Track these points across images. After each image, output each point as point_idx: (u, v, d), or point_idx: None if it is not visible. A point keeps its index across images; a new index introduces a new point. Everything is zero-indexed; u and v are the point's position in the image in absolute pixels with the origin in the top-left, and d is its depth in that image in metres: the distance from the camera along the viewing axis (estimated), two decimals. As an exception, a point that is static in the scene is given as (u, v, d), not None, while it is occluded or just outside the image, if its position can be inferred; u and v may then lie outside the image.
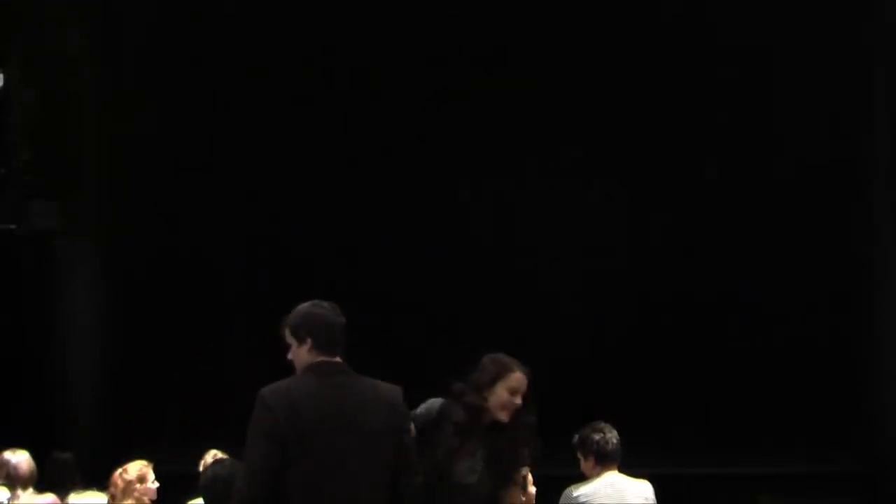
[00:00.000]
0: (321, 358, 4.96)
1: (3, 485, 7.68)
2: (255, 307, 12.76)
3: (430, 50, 12.73)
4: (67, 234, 12.26)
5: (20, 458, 7.81)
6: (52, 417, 11.69)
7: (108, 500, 7.47)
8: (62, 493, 7.59)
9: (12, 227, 11.99)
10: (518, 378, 5.88)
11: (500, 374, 5.88)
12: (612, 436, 6.94)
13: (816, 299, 12.50)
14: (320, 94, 12.81)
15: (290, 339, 5.12)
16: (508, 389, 5.84)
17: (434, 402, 5.81)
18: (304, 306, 5.19)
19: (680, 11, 12.60)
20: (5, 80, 12.00)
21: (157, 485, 7.74)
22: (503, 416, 5.82)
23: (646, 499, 6.91)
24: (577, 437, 7.05)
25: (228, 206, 12.90)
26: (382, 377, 5.21)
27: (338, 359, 5.02)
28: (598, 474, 6.89)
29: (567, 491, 6.94)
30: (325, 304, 5.22)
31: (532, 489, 5.90)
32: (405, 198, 12.82)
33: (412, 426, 5.27)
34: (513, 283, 12.80)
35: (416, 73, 12.78)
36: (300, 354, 5.05)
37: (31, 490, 7.67)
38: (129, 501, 7.52)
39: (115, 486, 7.59)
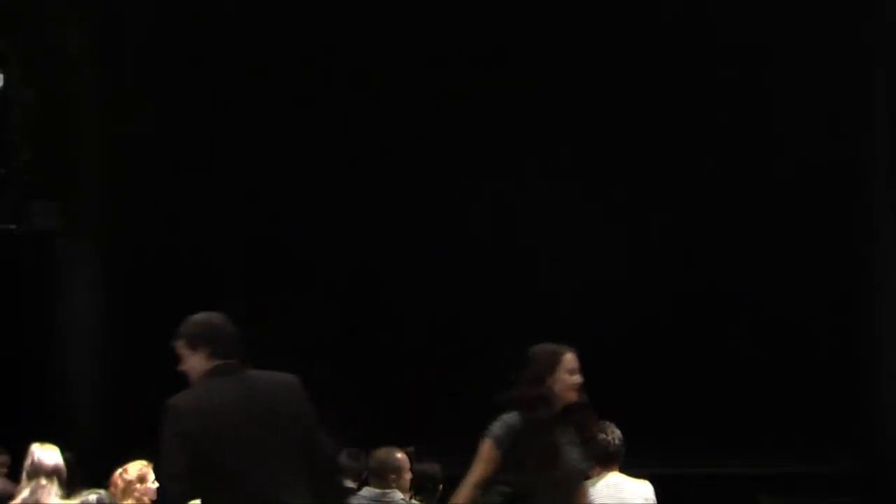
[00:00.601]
0: (216, 362, 5.11)
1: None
2: (255, 307, 12.77)
3: (430, 50, 12.74)
4: (67, 234, 12.26)
5: (45, 453, 7.75)
6: (52, 417, 11.68)
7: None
8: (64, 493, 7.57)
9: (12, 227, 11.98)
10: (571, 358, 6.03)
11: (555, 360, 6.01)
12: (616, 436, 6.92)
13: (817, 300, 12.50)
14: (320, 94, 12.81)
15: (184, 349, 5.19)
16: (568, 371, 5.91)
17: (508, 418, 5.82)
18: (197, 317, 5.24)
19: (680, 12, 12.61)
20: (5, 80, 12.00)
21: (157, 485, 7.72)
22: (573, 397, 5.93)
23: (646, 499, 6.89)
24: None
25: (228, 206, 12.90)
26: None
27: (233, 360, 5.18)
28: (598, 474, 6.87)
29: None
30: (216, 313, 5.29)
31: None
32: (405, 198, 12.82)
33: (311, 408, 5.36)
34: (513, 282, 12.80)
35: (417, 73, 12.79)
36: (196, 363, 5.15)
37: (56, 486, 7.61)
38: (130, 501, 7.51)
39: (115, 486, 7.58)
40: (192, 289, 12.62)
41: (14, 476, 8.27)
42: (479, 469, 5.65)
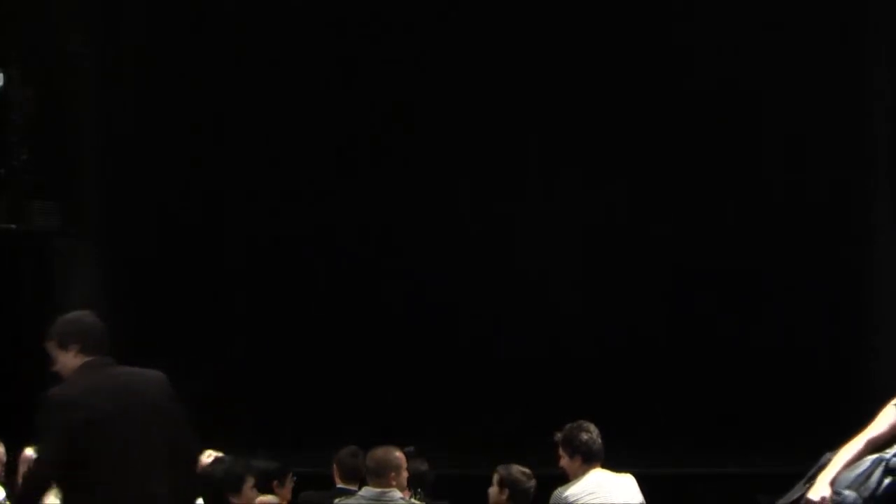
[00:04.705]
0: (87, 358, 5.27)
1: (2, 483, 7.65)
2: (255, 307, 12.78)
3: (428, 49, 12.75)
4: (67, 234, 12.25)
5: None
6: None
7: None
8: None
9: (12, 227, 11.98)
10: None
11: None
12: (597, 435, 7.01)
13: (816, 300, 12.50)
14: (321, 96, 12.82)
15: (55, 349, 5.35)
16: None
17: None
18: (67, 317, 5.44)
19: (680, 27, 12.64)
20: (5, 80, 11.99)
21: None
22: None
23: (632, 493, 6.97)
24: (559, 435, 7.08)
25: (229, 206, 12.91)
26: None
27: (103, 356, 5.36)
28: (584, 473, 6.94)
29: (556, 492, 6.98)
30: (85, 312, 5.52)
31: None
32: (405, 203, 12.82)
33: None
34: (514, 286, 12.80)
35: (416, 72, 12.79)
36: (67, 361, 5.31)
37: None
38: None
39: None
40: (192, 289, 12.64)
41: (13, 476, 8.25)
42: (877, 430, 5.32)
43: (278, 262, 12.83)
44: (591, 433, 6.99)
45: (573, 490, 6.91)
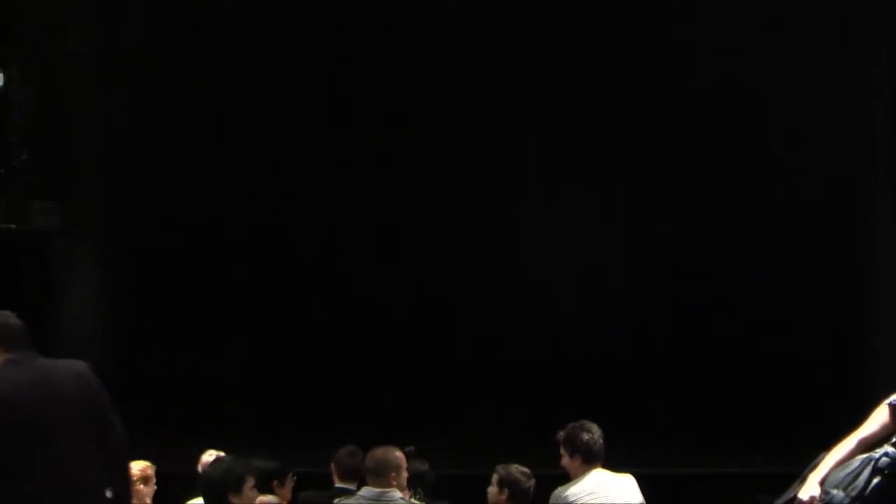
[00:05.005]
0: (10, 355, 5.47)
1: None
2: (255, 307, 12.78)
3: (426, 48, 12.75)
4: (67, 234, 12.25)
5: None
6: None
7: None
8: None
9: (12, 227, 11.98)
10: None
11: None
12: (599, 435, 7.00)
13: (816, 300, 12.49)
14: (321, 96, 12.82)
15: None
16: None
17: None
18: None
19: (680, 27, 12.64)
20: (5, 80, 11.99)
21: (155, 488, 7.74)
22: None
23: (632, 493, 6.96)
24: (562, 434, 7.07)
25: (229, 206, 12.91)
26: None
27: (28, 352, 5.55)
28: (584, 473, 6.94)
29: (556, 492, 6.98)
30: (4, 312, 5.68)
31: None
32: (405, 203, 12.82)
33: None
34: (514, 286, 12.80)
35: (417, 75, 12.80)
36: None
37: None
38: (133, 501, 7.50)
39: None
40: (192, 289, 12.64)
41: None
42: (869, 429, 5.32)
43: (278, 262, 12.83)
44: (592, 433, 6.99)
45: (573, 490, 6.91)
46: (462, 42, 12.74)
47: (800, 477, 5.35)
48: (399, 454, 6.90)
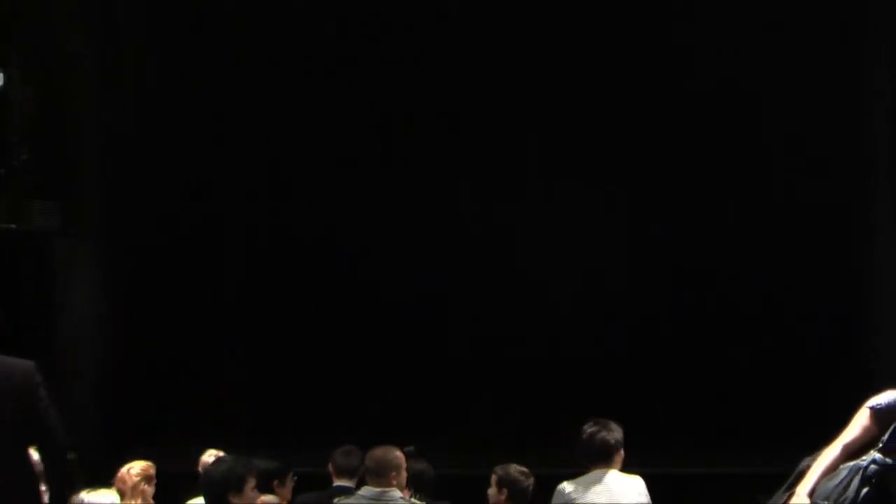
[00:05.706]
0: None
1: None
2: (256, 307, 12.78)
3: (425, 48, 12.75)
4: (67, 234, 12.25)
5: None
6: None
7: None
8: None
9: (12, 227, 11.98)
10: None
11: None
12: (609, 434, 6.95)
13: (816, 300, 12.49)
14: (321, 96, 12.82)
15: None
16: None
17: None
18: None
19: (680, 27, 12.65)
20: (5, 80, 11.99)
21: (154, 488, 7.74)
22: None
23: (639, 495, 6.93)
24: (585, 431, 7.02)
25: (229, 206, 12.91)
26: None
27: None
28: (588, 470, 6.92)
29: (560, 488, 6.96)
30: None
31: None
32: (406, 203, 12.82)
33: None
34: (514, 286, 12.80)
35: (417, 75, 12.80)
36: None
37: None
38: (137, 501, 7.50)
39: (123, 482, 7.56)
40: (193, 289, 12.65)
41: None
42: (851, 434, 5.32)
43: (278, 262, 12.83)
44: (601, 429, 6.93)
45: (577, 486, 6.90)
46: (462, 42, 12.75)
47: (784, 484, 5.33)
48: (399, 454, 6.90)
